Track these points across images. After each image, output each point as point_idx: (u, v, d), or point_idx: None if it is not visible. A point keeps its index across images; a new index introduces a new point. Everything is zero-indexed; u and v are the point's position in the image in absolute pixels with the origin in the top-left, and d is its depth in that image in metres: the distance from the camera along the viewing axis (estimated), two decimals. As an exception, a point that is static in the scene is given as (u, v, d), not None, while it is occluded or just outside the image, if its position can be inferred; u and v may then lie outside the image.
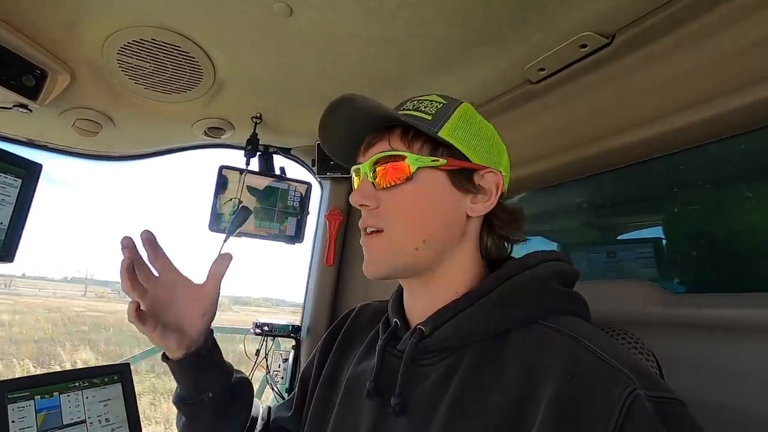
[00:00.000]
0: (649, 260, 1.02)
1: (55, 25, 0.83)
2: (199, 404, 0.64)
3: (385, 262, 0.56)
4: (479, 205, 0.57)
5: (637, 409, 0.40)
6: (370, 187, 0.57)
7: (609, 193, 1.07)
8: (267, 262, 29.04)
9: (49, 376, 0.90)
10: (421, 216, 0.55)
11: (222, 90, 1.08)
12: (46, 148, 1.15)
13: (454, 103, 0.60)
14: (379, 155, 0.56)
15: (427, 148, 0.56)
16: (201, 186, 19.62)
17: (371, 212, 0.57)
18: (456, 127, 0.56)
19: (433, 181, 0.56)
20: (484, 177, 0.57)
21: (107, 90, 1.00)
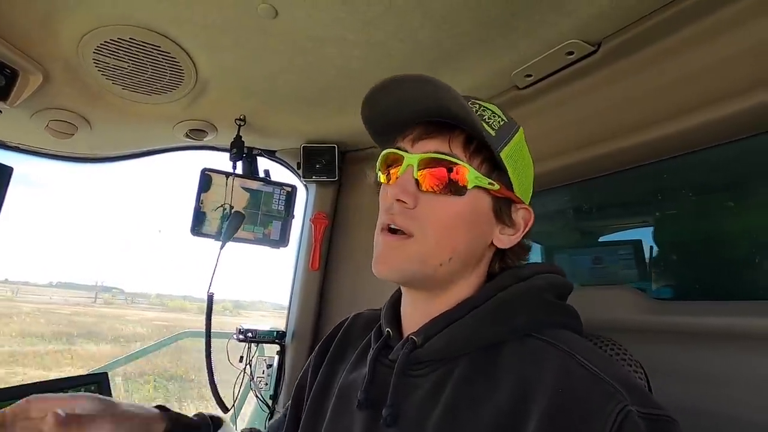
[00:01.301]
0: (631, 264, 1.03)
1: (26, 21, 0.80)
2: None
3: (405, 268, 0.53)
4: (506, 237, 0.56)
5: (628, 426, 0.40)
6: (413, 184, 0.52)
7: (597, 198, 1.08)
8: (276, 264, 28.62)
9: (23, 388, 0.87)
10: (456, 233, 0.53)
11: (204, 91, 1.05)
12: (18, 149, 1.11)
13: (514, 124, 0.57)
14: (434, 155, 0.52)
15: (486, 167, 0.53)
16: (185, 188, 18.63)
17: (406, 211, 0.52)
18: (513, 152, 0.54)
19: (480, 203, 0.53)
20: (518, 211, 0.56)
21: (83, 90, 0.96)
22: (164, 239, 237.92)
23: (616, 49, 0.80)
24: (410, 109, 0.55)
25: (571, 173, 1.01)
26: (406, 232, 0.52)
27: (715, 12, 0.70)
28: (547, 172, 1.05)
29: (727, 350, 0.65)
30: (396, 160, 0.55)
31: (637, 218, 1.05)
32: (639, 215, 1.05)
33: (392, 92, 0.54)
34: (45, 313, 18.09)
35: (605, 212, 1.11)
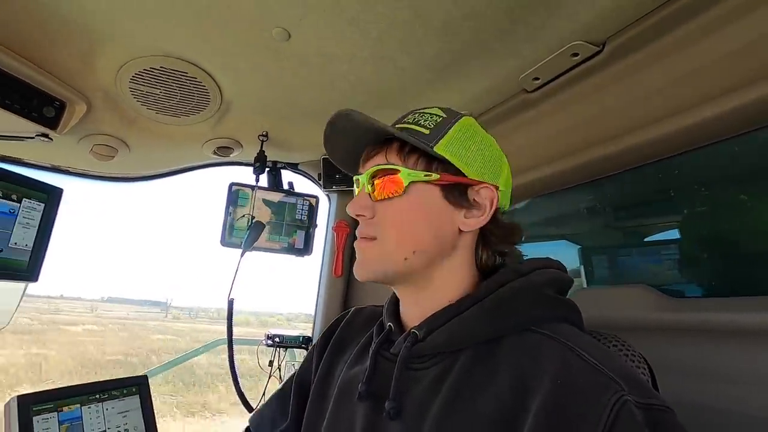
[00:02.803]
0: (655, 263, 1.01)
1: (70, 58, 0.89)
2: None
3: (375, 268, 0.58)
4: (472, 220, 0.58)
5: (625, 416, 0.41)
6: (367, 199, 0.60)
7: (611, 197, 1.07)
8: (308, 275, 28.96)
9: (71, 389, 0.95)
10: (412, 228, 0.57)
11: (229, 111, 1.13)
12: (68, 172, 1.22)
13: (455, 116, 0.60)
14: (375, 168, 0.59)
15: (422, 163, 0.57)
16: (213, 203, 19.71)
17: (367, 222, 0.59)
18: (453, 141, 0.57)
19: (426, 195, 0.57)
20: (479, 192, 0.58)
21: (121, 116, 1.06)
22: (212, 253, 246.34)
23: (620, 48, 0.80)
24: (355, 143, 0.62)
25: (585, 173, 1.01)
26: (370, 237, 0.59)
27: (720, 2, 0.69)
28: (560, 173, 1.05)
29: (744, 347, 0.64)
30: (357, 183, 0.64)
31: (653, 215, 1.03)
32: (653, 212, 1.03)
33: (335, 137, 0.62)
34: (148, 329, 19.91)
35: (625, 212, 1.09)
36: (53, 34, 0.83)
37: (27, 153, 1.21)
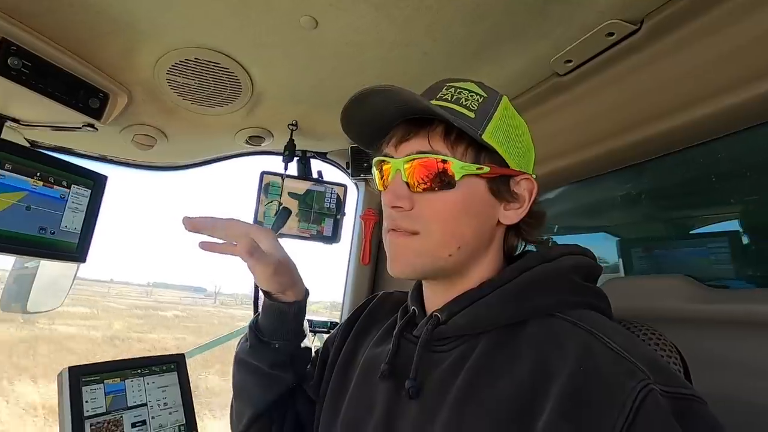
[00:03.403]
0: (701, 255, 0.96)
1: (113, 52, 0.94)
2: (266, 346, 0.67)
3: (417, 264, 0.55)
4: (512, 212, 0.56)
5: (650, 404, 0.40)
6: (404, 188, 0.54)
7: (653, 184, 1.02)
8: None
9: (116, 363, 1.02)
10: (459, 224, 0.54)
11: (260, 101, 1.16)
12: (112, 161, 1.30)
13: (495, 96, 0.57)
14: (416, 156, 0.53)
15: (471, 153, 0.53)
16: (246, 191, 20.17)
17: (405, 213, 0.54)
18: (498, 128, 0.54)
19: (474, 189, 0.54)
20: (519, 183, 0.56)
21: (159, 107, 1.11)
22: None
23: (659, 26, 0.76)
24: (383, 118, 0.57)
25: (620, 159, 0.98)
26: (412, 231, 0.54)
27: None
28: (594, 159, 1.02)
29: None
30: (384, 165, 0.58)
31: (699, 203, 0.98)
32: (700, 200, 0.97)
33: (362, 106, 0.57)
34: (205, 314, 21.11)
35: (668, 200, 1.04)
36: (98, 30, 0.88)
37: (76, 143, 1.29)
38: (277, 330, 0.68)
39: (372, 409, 0.57)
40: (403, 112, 0.56)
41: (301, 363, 0.72)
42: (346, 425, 0.60)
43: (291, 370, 0.69)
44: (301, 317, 0.70)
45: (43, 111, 0.95)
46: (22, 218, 0.92)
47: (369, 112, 0.57)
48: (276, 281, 0.64)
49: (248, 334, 0.69)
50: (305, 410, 0.73)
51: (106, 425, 0.93)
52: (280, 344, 0.68)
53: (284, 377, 0.69)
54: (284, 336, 0.68)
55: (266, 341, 0.68)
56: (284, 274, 0.65)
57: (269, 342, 0.68)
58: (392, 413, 0.55)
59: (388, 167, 0.57)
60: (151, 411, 1.02)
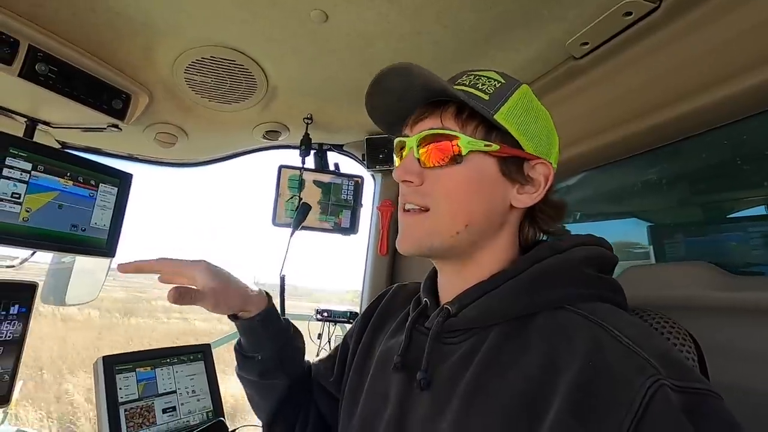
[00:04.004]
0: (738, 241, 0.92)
1: (133, 53, 0.97)
2: (250, 360, 0.73)
3: (424, 241, 0.56)
4: (525, 196, 0.56)
5: (659, 400, 0.39)
6: (415, 164, 0.56)
7: (686, 167, 0.98)
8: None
9: (147, 353, 1.07)
10: (467, 200, 0.54)
11: (275, 96, 1.17)
12: (137, 159, 1.35)
13: (514, 83, 0.57)
14: (428, 132, 0.55)
15: (481, 131, 0.54)
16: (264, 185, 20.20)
17: (415, 189, 0.56)
18: (513, 110, 0.54)
19: (483, 166, 0.54)
20: (534, 168, 0.55)
21: (179, 105, 1.14)
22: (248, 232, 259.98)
23: (679, 3, 0.73)
24: (403, 100, 0.58)
25: (642, 141, 0.94)
26: (422, 208, 0.55)
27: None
28: (616, 142, 0.99)
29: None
30: (403, 146, 0.59)
31: (724, 187, 0.94)
32: (723, 183, 0.93)
33: (382, 89, 0.58)
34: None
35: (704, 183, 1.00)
36: (118, 32, 0.91)
37: (104, 143, 1.35)
38: (254, 344, 0.73)
39: (386, 400, 0.59)
40: (424, 97, 0.57)
41: (291, 363, 0.76)
42: (364, 417, 0.62)
43: (282, 374, 0.74)
44: (270, 325, 0.73)
45: (71, 113, 1.00)
46: (55, 216, 0.97)
47: (390, 96, 0.58)
48: (224, 306, 0.68)
49: (235, 354, 0.75)
50: (329, 410, 0.76)
51: (139, 411, 0.98)
52: (262, 355, 0.72)
53: (277, 382, 0.74)
54: (262, 346, 0.72)
55: (249, 356, 0.73)
56: (228, 298, 0.68)
57: (252, 356, 0.73)
58: (405, 405, 0.56)
59: (404, 146, 0.59)
60: (180, 398, 1.07)
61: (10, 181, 0.90)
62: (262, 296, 0.73)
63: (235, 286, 0.70)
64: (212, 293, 0.65)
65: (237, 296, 0.69)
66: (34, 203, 0.93)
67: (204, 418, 1.08)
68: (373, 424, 0.59)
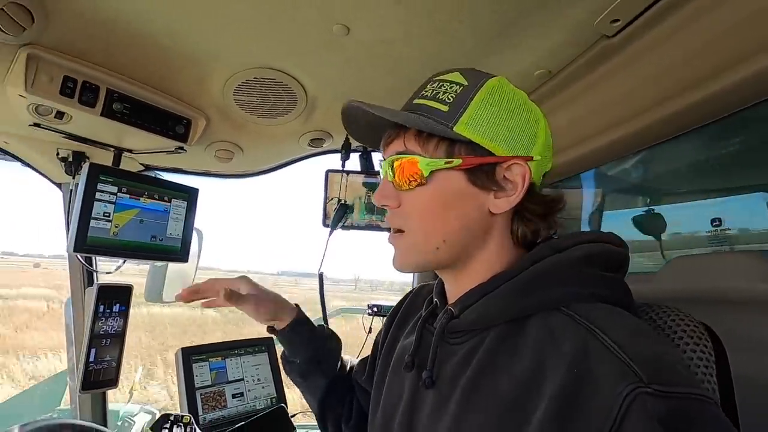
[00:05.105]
0: None
1: (189, 84, 1.11)
2: (291, 364, 0.85)
3: (409, 260, 0.58)
4: (502, 200, 0.54)
5: (636, 409, 0.38)
6: (391, 187, 0.57)
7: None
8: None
9: (217, 345, 1.22)
10: (437, 218, 0.55)
11: (315, 106, 1.25)
12: (203, 174, 1.52)
13: (478, 82, 0.55)
14: (393, 157, 0.56)
15: (443, 147, 0.54)
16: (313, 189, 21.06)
17: (394, 212, 0.58)
18: (476, 115, 0.53)
19: (448, 183, 0.54)
20: (510, 168, 0.54)
21: (232, 124, 1.27)
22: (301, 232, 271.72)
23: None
24: (373, 127, 0.60)
25: (690, 118, 0.86)
26: (399, 229, 0.58)
27: None
28: (657, 122, 0.91)
29: None
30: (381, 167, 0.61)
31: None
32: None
33: (352, 123, 0.63)
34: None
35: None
36: (175, 68, 1.04)
37: (178, 162, 1.54)
38: (291, 350, 0.85)
39: (400, 397, 0.62)
40: (390, 121, 0.57)
41: (328, 364, 0.86)
42: (384, 412, 0.66)
43: (320, 374, 0.84)
44: (303, 331, 0.84)
45: (145, 140, 1.16)
46: (138, 229, 1.14)
47: (364, 122, 0.61)
48: (263, 313, 0.81)
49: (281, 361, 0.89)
50: (367, 404, 0.81)
51: (212, 395, 1.12)
52: (300, 358, 0.84)
53: (317, 381, 0.84)
54: (298, 352, 0.84)
55: (291, 360, 0.85)
56: (266, 305, 0.82)
57: (293, 360, 0.85)
58: (414, 402, 0.59)
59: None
60: (247, 385, 1.20)
61: (102, 203, 1.08)
62: (290, 308, 0.86)
63: (272, 296, 0.84)
64: (253, 299, 0.80)
65: (272, 303, 0.83)
66: (121, 220, 1.11)
67: (268, 403, 1.20)
68: (391, 418, 0.63)
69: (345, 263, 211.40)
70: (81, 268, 1.39)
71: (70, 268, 1.40)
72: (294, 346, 0.84)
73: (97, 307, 1.20)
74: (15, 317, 13.02)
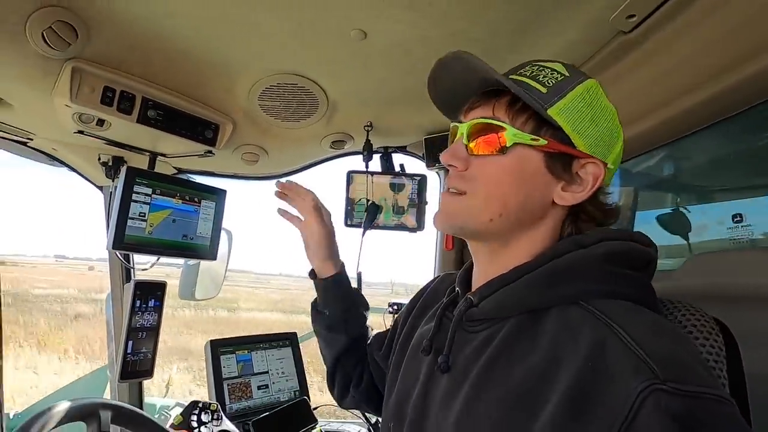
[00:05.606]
0: None
1: (217, 91, 1.17)
2: (321, 314, 0.91)
3: (457, 221, 0.58)
4: (569, 194, 0.55)
5: (649, 405, 0.38)
6: (463, 150, 0.57)
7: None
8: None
9: (244, 338, 1.28)
10: (504, 190, 0.55)
11: (336, 109, 1.29)
12: (232, 176, 1.60)
13: (578, 77, 0.56)
14: (478, 121, 0.56)
15: (531, 124, 0.54)
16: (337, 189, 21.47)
17: (459, 174, 0.58)
18: (571, 106, 0.54)
19: (527, 159, 0.54)
20: (585, 167, 0.54)
21: (257, 128, 1.33)
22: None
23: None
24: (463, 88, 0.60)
25: (713, 110, 0.84)
26: (459, 191, 0.58)
27: None
28: (681, 113, 0.89)
29: None
30: (456, 132, 0.61)
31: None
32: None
33: (442, 77, 0.61)
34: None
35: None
36: (204, 76, 1.10)
37: (208, 165, 1.62)
38: (324, 301, 0.90)
39: (416, 380, 0.64)
40: (480, 86, 0.59)
41: (354, 324, 0.90)
42: (399, 395, 0.68)
43: (344, 331, 0.89)
44: (341, 286, 0.90)
45: (177, 145, 1.24)
46: (171, 229, 1.22)
47: (451, 82, 0.61)
48: (324, 246, 0.89)
49: (311, 309, 0.92)
50: (378, 378, 0.87)
51: (238, 386, 1.18)
52: (330, 311, 0.89)
53: (339, 337, 0.89)
54: (331, 304, 0.89)
55: (320, 311, 0.90)
56: (329, 244, 0.89)
57: (322, 311, 0.90)
58: (428, 385, 0.61)
59: (456, 132, 0.61)
60: (272, 377, 1.25)
61: (138, 203, 1.16)
62: (339, 262, 0.92)
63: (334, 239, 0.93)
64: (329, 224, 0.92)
65: (333, 246, 0.91)
66: (155, 219, 1.18)
67: (291, 396, 1.25)
68: (406, 401, 0.65)
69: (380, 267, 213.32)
70: (120, 265, 1.48)
71: (110, 265, 1.49)
72: (329, 297, 0.89)
73: (134, 302, 1.28)
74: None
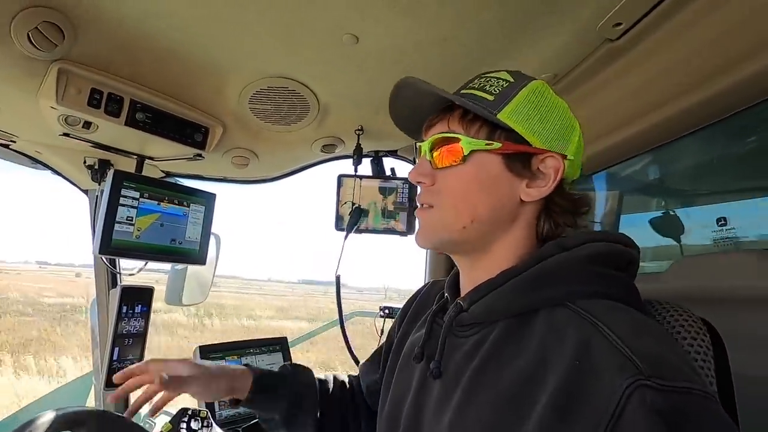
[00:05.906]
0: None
1: (207, 93, 1.16)
2: (270, 422, 0.82)
3: (434, 235, 0.61)
4: (534, 190, 0.57)
5: (635, 402, 0.39)
6: (428, 166, 0.61)
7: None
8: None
9: (233, 344, 1.26)
10: (471, 197, 0.58)
11: (327, 113, 1.29)
12: (217, 180, 1.58)
13: (523, 81, 0.59)
14: (437, 136, 0.60)
15: (484, 131, 0.57)
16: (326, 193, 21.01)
17: (427, 189, 0.61)
18: (519, 108, 0.57)
19: (486, 164, 0.57)
20: (544, 161, 0.57)
21: (248, 131, 1.32)
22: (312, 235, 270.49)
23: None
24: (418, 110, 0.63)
25: (699, 115, 0.86)
26: (428, 205, 0.60)
27: None
28: (666, 119, 0.91)
29: None
30: (419, 150, 0.64)
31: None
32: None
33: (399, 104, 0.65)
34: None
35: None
36: (193, 78, 1.09)
37: (197, 168, 1.60)
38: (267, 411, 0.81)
39: (409, 388, 0.64)
40: (435, 105, 0.62)
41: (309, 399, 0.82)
42: (392, 403, 0.68)
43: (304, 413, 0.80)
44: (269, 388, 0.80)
45: (165, 148, 1.22)
46: (159, 233, 1.20)
47: (408, 107, 0.65)
48: (216, 391, 0.76)
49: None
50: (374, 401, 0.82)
51: (228, 393, 1.16)
52: (278, 415, 0.79)
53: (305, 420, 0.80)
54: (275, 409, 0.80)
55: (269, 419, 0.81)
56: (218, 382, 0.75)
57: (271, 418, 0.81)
58: (421, 392, 0.61)
59: (420, 151, 0.64)
60: (262, 383, 1.23)
61: (125, 207, 1.14)
62: (246, 371, 0.80)
63: (220, 370, 0.78)
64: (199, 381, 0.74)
65: (223, 378, 0.77)
66: (143, 223, 1.17)
67: (282, 402, 1.23)
68: (399, 409, 0.65)
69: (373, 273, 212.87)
70: (105, 270, 1.45)
71: (96, 271, 1.46)
72: (268, 407, 0.80)
73: (121, 307, 1.26)
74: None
